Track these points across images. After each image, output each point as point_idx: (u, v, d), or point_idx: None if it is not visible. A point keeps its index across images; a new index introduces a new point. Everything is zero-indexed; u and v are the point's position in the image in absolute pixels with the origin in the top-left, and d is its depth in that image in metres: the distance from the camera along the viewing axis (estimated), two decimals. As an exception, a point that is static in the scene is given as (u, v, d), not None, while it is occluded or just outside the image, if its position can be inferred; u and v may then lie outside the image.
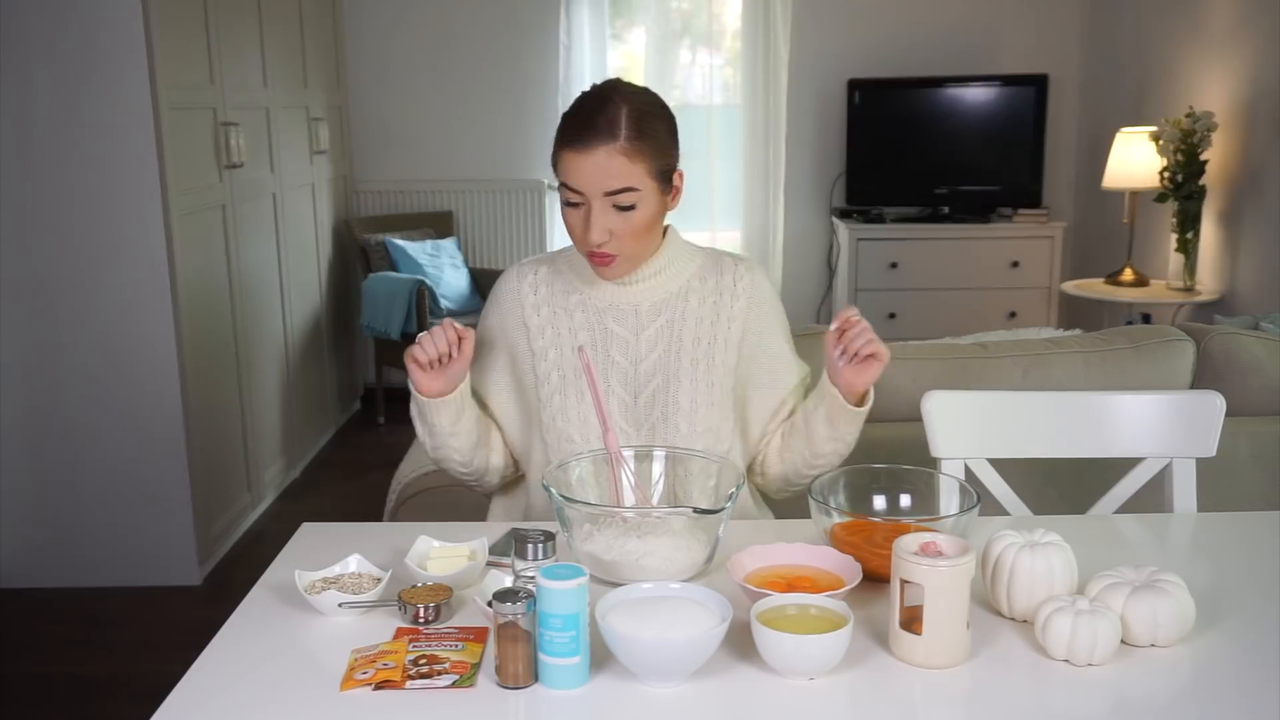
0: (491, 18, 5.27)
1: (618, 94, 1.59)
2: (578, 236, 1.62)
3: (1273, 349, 2.38)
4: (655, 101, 1.63)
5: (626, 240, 1.61)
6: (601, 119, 1.56)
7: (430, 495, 2.28)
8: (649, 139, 1.58)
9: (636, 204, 1.58)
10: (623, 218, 1.59)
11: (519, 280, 1.75)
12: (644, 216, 1.60)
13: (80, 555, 3.42)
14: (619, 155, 1.55)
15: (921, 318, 5.01)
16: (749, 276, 1.74)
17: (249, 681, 1.20)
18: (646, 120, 1.58)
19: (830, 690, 1.17)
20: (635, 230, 1.60)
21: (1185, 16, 4.33)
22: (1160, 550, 1.64)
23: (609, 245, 1.60)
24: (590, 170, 1.56)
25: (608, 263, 1.63)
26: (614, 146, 1.55)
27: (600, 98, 1.59)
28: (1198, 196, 4.00)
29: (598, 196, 1.57)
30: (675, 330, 1.70)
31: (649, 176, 1.58)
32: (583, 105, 1.60)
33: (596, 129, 1.55)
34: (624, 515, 1.43)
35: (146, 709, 1.15)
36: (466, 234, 5.39)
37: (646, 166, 1.58)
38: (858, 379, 1.60)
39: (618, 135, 1.55)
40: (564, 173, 1.59)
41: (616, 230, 1.59)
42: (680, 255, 1.73)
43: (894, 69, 5.19)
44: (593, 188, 1.57)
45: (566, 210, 1.62)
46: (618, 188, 1.56)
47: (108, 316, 3.30)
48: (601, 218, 1.58)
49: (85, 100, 3.18)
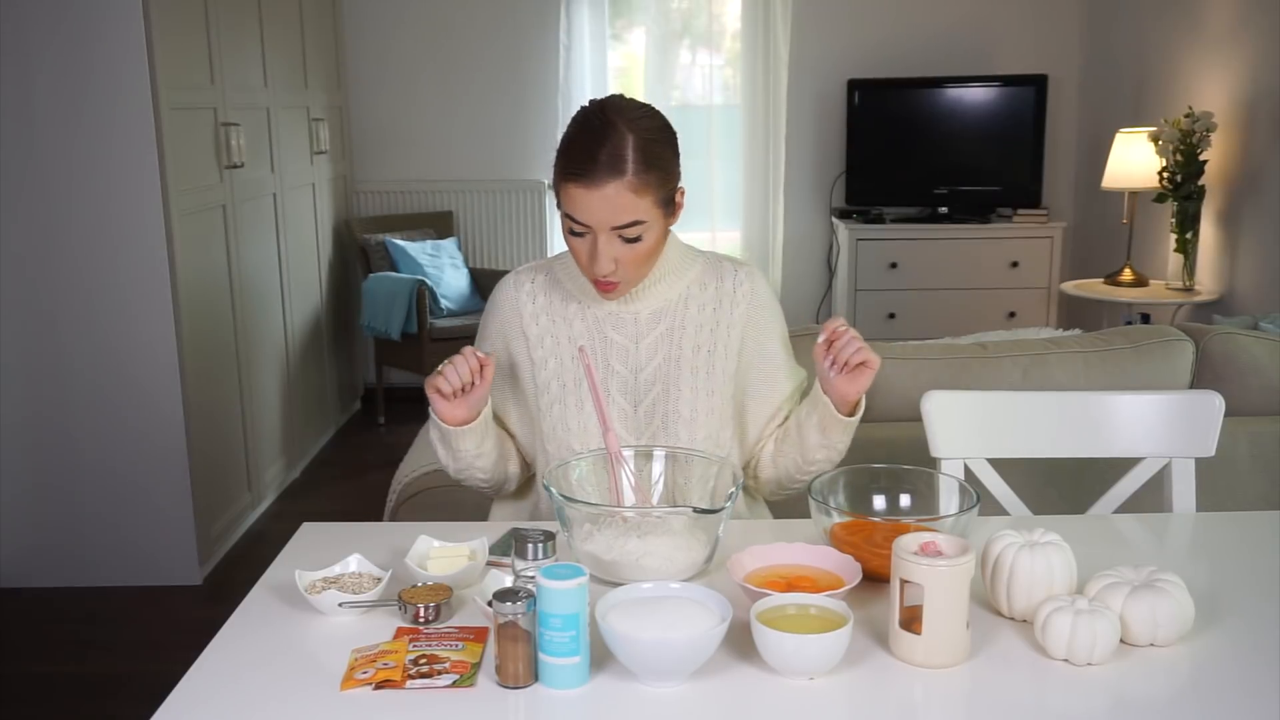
0: (491, 18, 5.27)
1: (622, 119, 1.53)
2: (583, 264, 1.60)
3: (1272, 349, 2.38)
4: (659, 125, 1.58)
5: (631, 268, 1.59)
6: (606, 153, 1.51)
7: (430, 495, 2.28)
8: (655, 170, 1.54)
9: (643, 235, 1.56)
10: (629, 248, 1.57)
11: (516, 289, 1.73)
12: (649, 244, 1.58)
13: (80, 555, 3.42)
14: (626, 191, 1.52)
15: (921, 318, 5.01)
16: (748, 283, 1.73)
17: (249, 681, 1.20)
18: (652, 150, 1.54)
19: (830, 690, 1.17)
20: (640, 259, 1.59)
21: (1185, 16, 4.34)
22: (1160, 550, 1.64)
23: (614, 274, 1.59)
24: (597, 206, 1.52)
25: (611, 289, 1.62)
26: (621, 182, 1.51)
27: (605, 126, 1.53)
28: (1197, 197, 4.00)
29: (604, 230, 1.54)
30: (675, 338, 1.69)
31: (655, 206, 1.56)
32: (585, 134, 1.54)
33: (602, 164, 1.51)
34: (624, 515, 1.43)
35: (146, 709, 1.15)
36: (466, 234, 5.39)
37: (653, 197, 1.55)
38: (849, 388, 1.60)
39: (624, 171, 1.51)
40: (568, 205, 1.55)
41: (622, 259, 1.57)
42: (679, 262, 1.72)
43: (894, 69, 5.19)
44: (599, 223, 1.54)
45: (571, 238, 1.59)
46: (625, 222, 1.54)
47: (108, 316, 3.30)
48: (608, 249, 1.56)
49: (85, 100, 3.18)
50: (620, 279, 1.60)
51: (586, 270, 1.60)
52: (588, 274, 1.61)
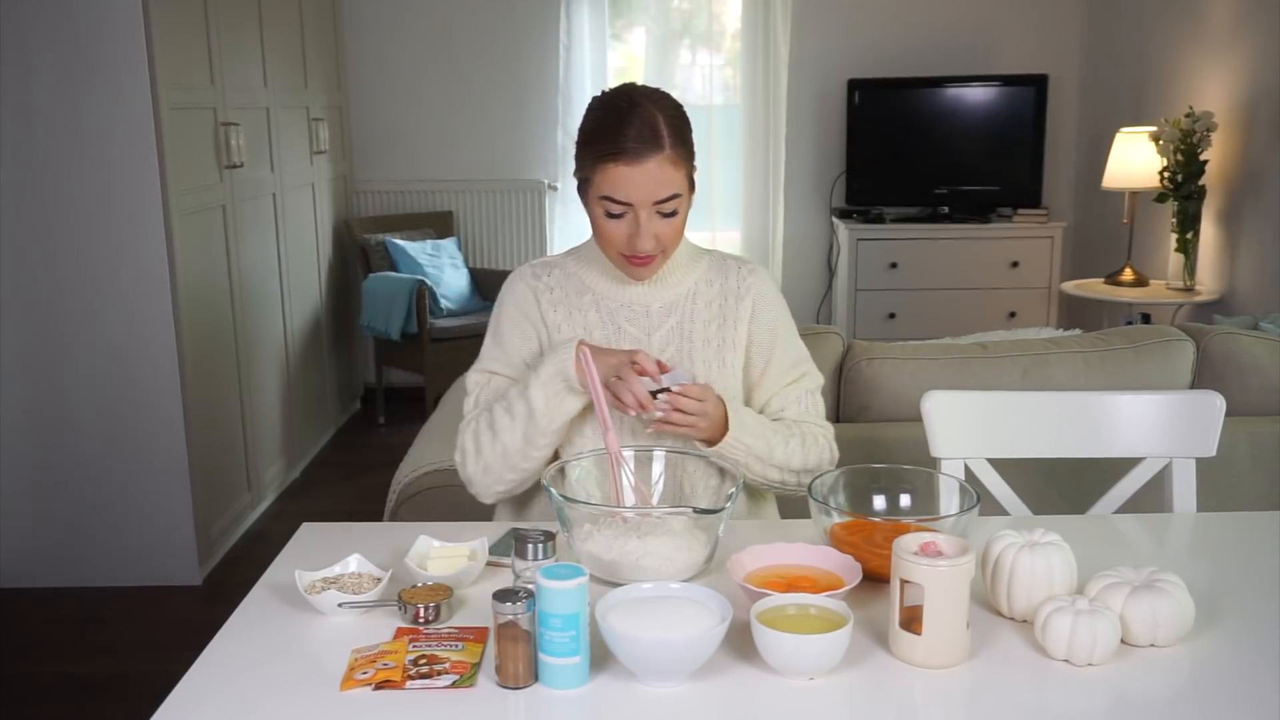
0: (491, 18, 5.27)
1: (648, 100, 1.60)
2: (620, 244, 1.62)
3: (1272, 349, 2.38)
4: (678, 104, 1.65)
5: (669, 242, 1.64)
6: (644, 129, 1.56)
7: (430, 495, 2.28)
8: (685, 145, 1.61)
9: (678, 209, 1.62)
10: (667, 223, 1.61)
11: (534, 279, 1.75)
12: (683, 218, 1.65)
13: (80, 555, 3.42)
14: (667, 164, 1.57)
15: (921, 318, 5.01)
16: (752, 279, 1.75)
17: (249, 681, 1.20)
18: (679, 125, 1.61)
19: (830, 690, 1.17)
20: (676, 232, 1.65)
21: (1185, 17, 4.33)
22: (1160, 550, 1.64)
23: (654, 249, 1.62)
24: (642, 181, 1.56)
25: (649, 263, 1.65)
26: (662, 156, 1.57)
27: (632, 106, 1.59)
28: (1197, 196, 4.00)
29: (645, 206, 1.58)
30: (685, 331, 1.72)
31: (687, 180, 1.62)
32: (615, 116, 1.59)
33: (643, 140, 1.56)
34: (624, 515, 1.43)
35: (146, 709, 1.15)
36: (466, 234, 5.39)
37: (685, 171, 1.61)
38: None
39: (663, 145, 1.57)
40: (609, 186, 1.58)
41: (662, 235, 1.62)
42: (687, 257, 1.75)
43: (894, 69, 5.19)
44: (643, 198, 1.58)
45: (607, 221, 1.61)
46: (667, 195, 1.59)
47: (108, 316, 3.30)
48: (649, 225, 1.59)
49: (85, 100, 3.18)
50: (658, 251, 1.63)
51: (624, 250, 1.63)
52: (624, 252, 1.63)
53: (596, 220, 1.63)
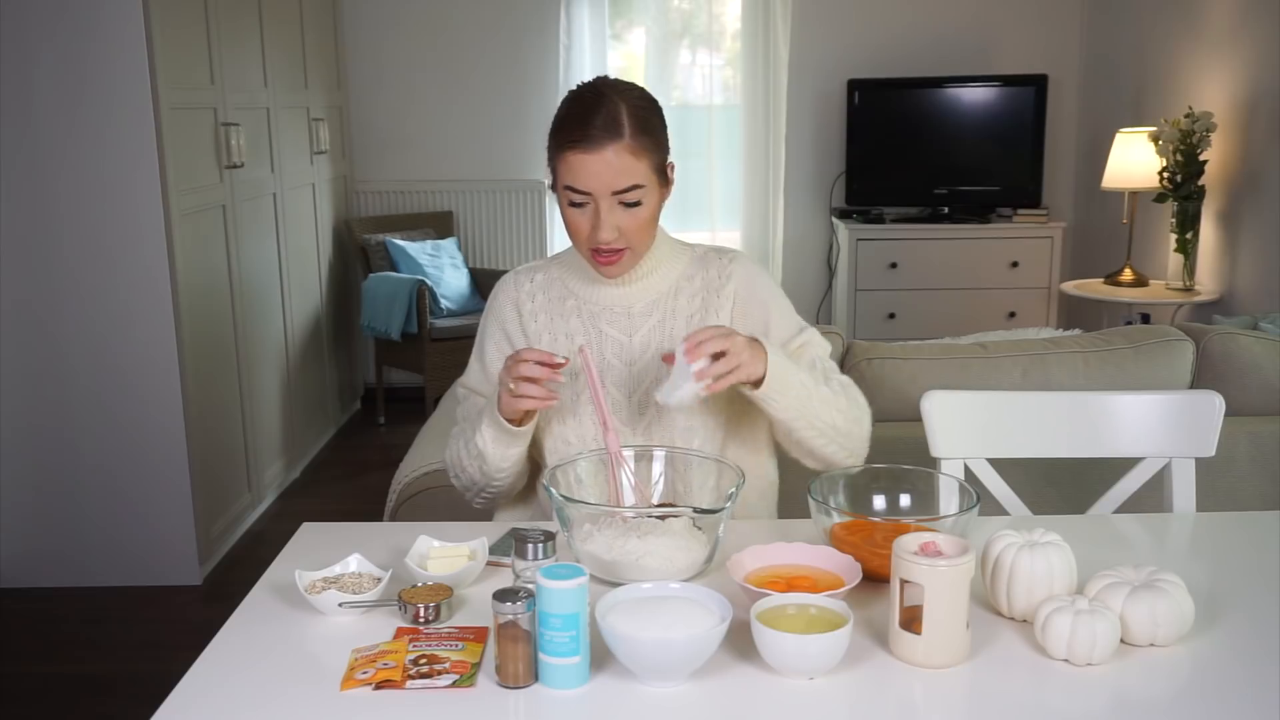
0: (491, 18, 5.27)
1: (613, 91, 1.60)
2: (584, 236, 1.61)
3: (1272, 349, 2.38)
4: (648, 97, 1.64)
5: (634, 235, 1.61)
6: (603, 117, 1.56)
7: (430, 495, 2.28)
8: (650, 135, 1.59)
9: (642, 200, 1.59)
10: (630, 214, 1.59)
11: (516, 288, 1.75)
12: (648, 211, 1.61)
13: (80, 555, 3.42)
14: (625, 153, 1.56)
15: (921, 318, 5.02)
16: (732, 267, 1.73)
17: (249, 681, 1.20)
18: (643, 116, 1.59)
19: (830, 690, 1.17)
20: (641, 225, 1.62)
21: (1184, 17, 4.34)
22: (1159, 550, 1.64)
23: (617, 241, 1.60)
24: (598, 170, 1.56)
25: (615, 260, 1.63)
26: (620, 145, 1.55)
27: (597, 96, 1.59)
28: (1197, 197, 4.00)
29: (605, 196, 1.57)
30: (667, 329, 1.71)
31: (651, 172, 1.60)
32: (580, 105, 1.60)
33: (601, 128, 1.55)
34: (624, 515, 1.43)
35: (146, 709, 1.15)
36: (466, 234, 5.39)
37: (649, 162, 1.59)
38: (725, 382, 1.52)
39: (622, 133, 1.56)
40: (569, 175, 1.58)
41: (624, 227, 1.60)
42: (670, 254, 1.74)
43: (894, 69, 5.19)
44: (601, 187, 1.57)
45: (571, 211, 1.61)
46: (625, 185, 1.57)
47: (108, 316, 3.30)
48: (609, 216, 1.58)
49: (85, 100, 3.18)
50: (623, 245, 1.61)
51: (587, 242, 1.61)
52: (588, 245, 1.62)
53: (563, 212, 1.63)
